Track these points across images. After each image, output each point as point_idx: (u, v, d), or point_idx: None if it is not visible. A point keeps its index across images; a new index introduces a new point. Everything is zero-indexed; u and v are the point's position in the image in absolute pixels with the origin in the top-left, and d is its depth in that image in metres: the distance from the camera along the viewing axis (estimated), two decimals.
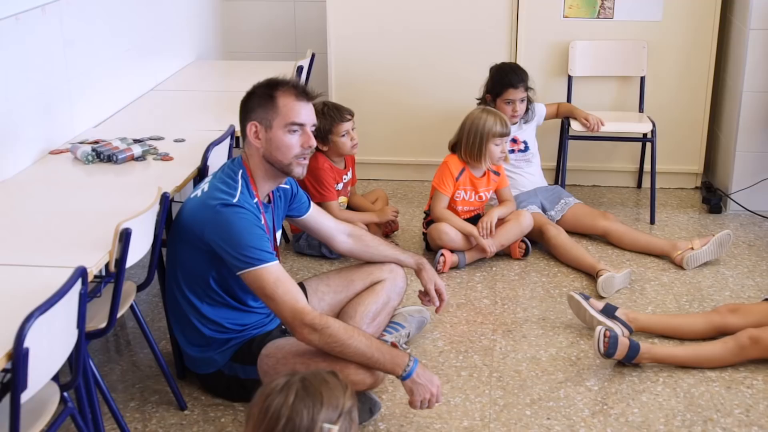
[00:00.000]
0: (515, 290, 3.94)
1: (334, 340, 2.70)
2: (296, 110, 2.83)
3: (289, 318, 2.72)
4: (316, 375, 1.75)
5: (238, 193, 2.80)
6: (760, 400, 3.09)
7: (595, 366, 3.30)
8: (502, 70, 4.51)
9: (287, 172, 2.89)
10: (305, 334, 2.71)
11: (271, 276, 2.73)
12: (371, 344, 2.74)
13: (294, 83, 2.87)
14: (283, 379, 1.73)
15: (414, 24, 5.02)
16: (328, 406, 1.67)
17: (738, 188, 4.81)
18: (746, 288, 3.95)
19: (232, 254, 2.74)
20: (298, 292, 2.76)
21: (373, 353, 2.72)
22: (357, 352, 2.71)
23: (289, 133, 2.83)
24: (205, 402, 3.08)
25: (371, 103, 5.10)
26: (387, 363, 2.73)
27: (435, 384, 2.77)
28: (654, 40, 4.92)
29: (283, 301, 2.72)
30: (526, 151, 4.56)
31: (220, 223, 2.75)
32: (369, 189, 4.85)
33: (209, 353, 2.97)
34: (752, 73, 4.62)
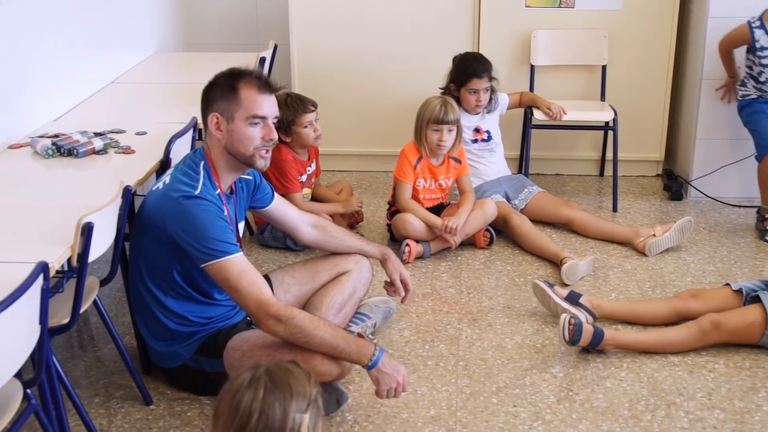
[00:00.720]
0: (480, 279, 3.96)
1: (299, 331, 2.70)
2: (258, 103, 2.81)
3: (254, 309, 2.71)
4: (279, 366, 1.75)
5: (200, 184, 2.78)
6: (721, 383, 3.13)
7: (559, 353, 3.33)
8: (466, 59, 4.52)
9: (249, 164, 2.88)
10: (270, 326, 2.70)
11: (235, 268, 2.71)
12: (336, 334, 2.74)
13: (257, 74, 2.85)
14: (247, 373, 1.72)
15: (377, 14, 5.02)
16: (298, 396, 1.67)
17: (698, 175, 4.87)
18: (707, 273, 3.99)
19: (195, 246, 2.72)
20: (262, 284, 2.75)
21: (339, 343, 2.72)
22: (322, 342, 2.71)
23: (251, 125, 2.82)
24: (171, 396, 3.07)
25: (335, 94, 5.09)
26: (353, 353, 2.73)
27: (401, 373, 2.77)
28: (615, 29, 4.96)
29: (247, 293, 2.71)
30: (489, 140, 4.57)
31: (183, 215, 2.73)
32: (333, 180, 4.84)
33: (174, 347, 2.96)
34: (711, 61, 4.67)
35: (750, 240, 4.37)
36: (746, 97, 4.46)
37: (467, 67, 4.45)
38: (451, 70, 4.56)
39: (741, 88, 4.50)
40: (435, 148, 4.16)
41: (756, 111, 4.44)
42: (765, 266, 4.08)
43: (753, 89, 4.43)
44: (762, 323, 3.24)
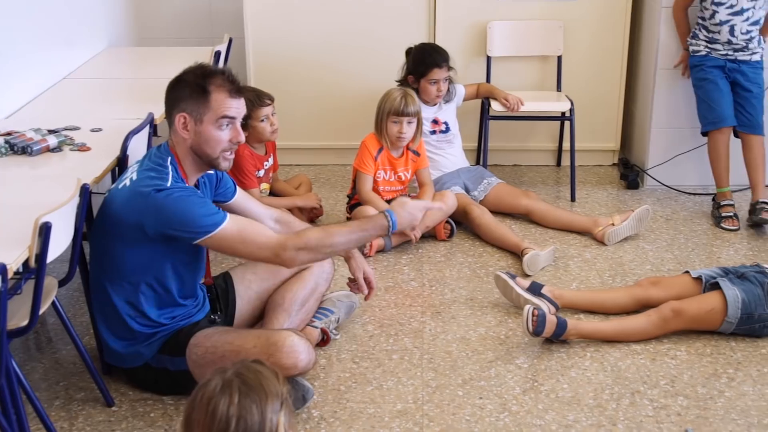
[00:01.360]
0: (442, 271, 3.95)
1: (322, 245, 2.79)
2: (228, 106, 2.79)
3: (272, 256, 2.77)
4: (248, 368, 1.73)
5: (170, 178, 2.74)
6: (684, 370, 3.16)
7: (523, 344, 3.33)
8: (425, 50, 4.51)
9: (213, 165, 2.86)
10: (296, 258, 2.78)
11: (232, 231, 2.74)
12: (351, 228, 2.87)
13: (228, 76, 2.81)
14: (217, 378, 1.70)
15: (333, 6, 4.98)
16: (272, 397, 1.66)
17: (654, 164, 4.91)
18: (666, 261, 4.03)
19: (184, 230, 2.71)
20: (265, 229, 2.83)
21: (360, 233, 2.85)
22: (347, 243, 2.85)
23: (219, 128, 2.79)
24: (133, 397, 3.02)
25: (291, 88, 5.05)
26: (376, 231, 2.86)
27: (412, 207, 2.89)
28: (569, 19, 4.98)
29: (257, 246, 2.76)
30: (447, 131, 4.57)
31: (160, 208, 2.69)
32: (291, 175, 4.80)
33: (136, 347, 2.91)
34: (665, 50, 4.71)
35: (706, 227, 4.42)
36: (697, 53, 4.50)
37: (427, 58, 4.44)
38: (408, 62, 4.55)
39: (692, 41, 4.54)
40: (395, 140, 4.14)
41: (707, 78, 4.48)
42: (722, 253, 4.13)
43: (704, 42, 4.46)
44: (722, 310, 3.28)
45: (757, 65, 4.45)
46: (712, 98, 4.47)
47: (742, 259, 4.04)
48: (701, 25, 4.46)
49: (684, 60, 4.64)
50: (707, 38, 4.44)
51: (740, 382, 3.09)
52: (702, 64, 4.48)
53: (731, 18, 4.34)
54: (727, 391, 3.03)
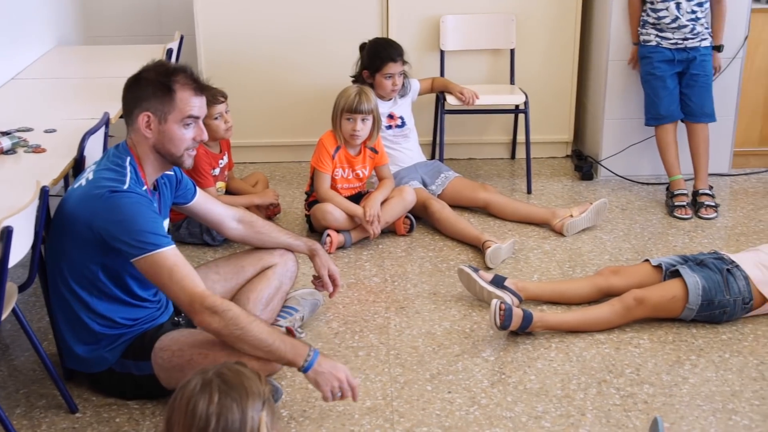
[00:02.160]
0: (404, 267, 3.95)
1: (234, 323, 2.61)
2: (193, 105, 2.75)
3: (188, 302, 2.63)
4: (229, 368, 1.72)
5: (128, 179, 2.69)
6: (648, 358, 3.20)
7: (489, 336, 3.34)
8: (379, 44, 4.50)
9: (177, 163, 2.82)
10: (205, 318, 2.61)
11: (168, 261, 2.64)
12: (272, 331, 2.69)
13: (191, 74, 2.78)
14: (197, 378, 1.68)
15: (285, 2, 4.94)
16: (253, 396, 1.65)
17: (607, 155, 4.96)
18: (624, 251, 4.07)
19: (125, 241, 2.63)
20: (196, 277, 2.68)
21: (274, 340, 2.66)
22: (258, 338, 2.63)
23: (184, 127, 2.75)
24: (97, 402, 2.96)
25: (244, 85, 5.00)
26: (288, 352, 2.66)
27: (340, 370, 2.71)
28: (522, 13, 5.00)
29: (181, 286, 2.63)
30: (403, 126, 4.56)
31: (112, 210, 2.64)
32: (247, 173, 4.76)
33: (99, 351, 2.85)
34: (616, 43, 4.76)
35: (661, 216, 4.48)
36: (647, 43, 4.55)
37: (382, 52, 4.43)
38: (362, 57, 4.53)
39: (642, 30, 4.58)
40: (349, 137, 4.12)
41: (654, 74, 4.54)
42: (677, 241, 4.19)
43: (653, 31, 4.51)
44: (683, 297, 3.32)
45: (706, 51, 4.51)
46: (658, 95, 4.54)
47: (698, 246, 4.09)
48: (650, 8, 4.50)
49: (634, 55, 4.68)
50: (656, 25, 4.48)
51: (703, 369, 3.13)
52: (651, 57, 4.54)
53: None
54: (691, 378, 3.07)
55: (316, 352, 2.70)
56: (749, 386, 3.02)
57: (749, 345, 3.28)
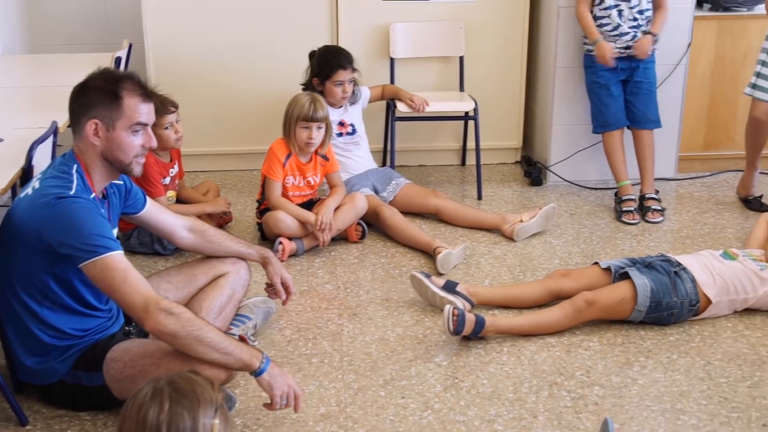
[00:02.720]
0: (356, 273, 3.96)
1: (191, 324, 2.59)
2: (141, 111, 2.73)
3: (142, 306, 2.59)
4: (181, 376, 1.72)
5: (75, 186, 2.67)
6: (598, 360, 3.24)
7: (441, 342, 3.36)
8: (329, 52, 4.51)
9: (126, 171, 2.80)
10: (161, 320, 2.57)
11: (119, 264, 2.61)
12: (226, 337, 2.69)
13: (137, 81, 2.76)
14: (149, 387, 1.68)
15: (235, 10, 4.94)
16: (205, 403, 1.65)
17: (556, 160, 5.02)
18: (573, 255, 4.13)
19: (74, 246, 2.60)
20: (147, 283, 2.67)
21: (229, 344, 2.65)
22: (214, 341, 2.62)
23: (132, 133, 2.73)
24: (48, 414, 2.92)
25: (194, 93, 4.97)
26: (244, 353, 2.66)
27: (290, 378, 2.72)
28: (470, 20, 5.05)
29: (134, 290, 2.60)
30: (353, 133, 4.57)
31: (59, 215, 2.61)
32: (198, 181, 4.74)
33: (50, 362, 2.81)
34: (563, 49, 4.83)
35: (609, 221, 4.55)
36: (591, 53, 4.62)
37: (331, 60, 4.44)
38: (312, 65, 4.54)
39: (586, 40, 4.65)
40: (304, 146, 4.13)
41: (598, 82, 4.62)
42: (625, 245, 4.25)
43: None
44: (632, 299, 3.38)
45: (649, 60, 4.60)
46: (603, 103, 4.62)
47: (645, 249, 4.16)
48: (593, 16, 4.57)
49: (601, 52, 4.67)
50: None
51: (652, 370, 3.19)
52: (595, 66, 4.61)
53: (619, 3, 4.47)
54: (640, 379, 3.13)
55: (268, 358, 2.71)
56: (696, 386, 3.08)
57: (696, 346, 3.35)
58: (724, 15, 5.00)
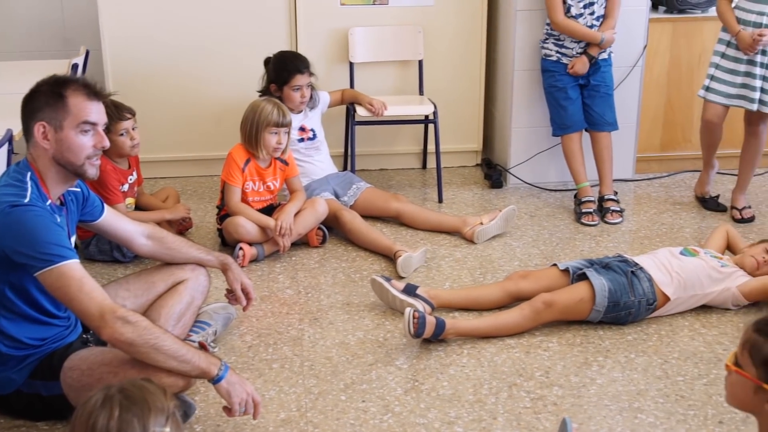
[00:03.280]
0: (317, 278, 3.96)
1: (148, 333, 2.58)
2: (88, 109, 2.70)
3: (98, 314, 2.57)
4: (133, 383, 1.72)
5: (29, 193, 2.65)
6: (557, 361, 3.27)
7: (402, 345, 3.38)
8: (285, 58, 4.51)
9: (80, 174, 2.76)
10: (118, 328, 2.55)
11: (75, 273, 2.60)
12: (184, 344, 2.68)
13: (83, 81, 2.74)
14: (100, 394, 1.67)
15: (192, 15, 4.92)
16: (155, 411, 1.64)
17: (516, 163, 5.06)
18: (533, 256, 4.16)
19: (29, 254, 2.58)
20: (103, 291, 2.65)
21: (187, 351, 2.64)
22: (171, 349, 2.61)
23: (81, 133, 2.71)
24: (5, 425, 2.89)
25: (153, 99, 4.95)
26: (202, 362, 2.65)
27: (248, 385, 2.72)
28: (428, 24, 5.08)
29: (90, 299, 2.58)
30: (314, 138, 4.57)
31: (13, 224, 2.59)
32: (158, 188, 4.71)
33: (6, 372, 2.79)
34: (521, 53, 4.86)
35: (568, 222, 4.58)
36: (548, 57, 4.67)
37: (288, 65, 4.44)
38: (268, 71, 4.53)
39: (543, 44, 4.70)
40: (272, 151, 4.13)
41: (556, 86, 4.66)
42: (584, 246, 4.29)
43: (553, 45, 4.63)
44: (590, 299, 3.41)
45: (605, 63, 4.65)
46: (562, 105, 4.67)
47: (604, 250, 4.20)
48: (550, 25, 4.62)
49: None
50: (556, 39, 4.60)
51: (610, 369, 3.22)
52: (554, 71, 4.66)
53: (582, 11, 4.52)
54: (598, 379, 3.16)
55: (227, 365, 2.70)
56: (654, 385, 3.12)
57: (653, 345, 3.39)
58: (679, 17, 5.06)
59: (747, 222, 4.55)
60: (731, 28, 4.35)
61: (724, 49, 4.43)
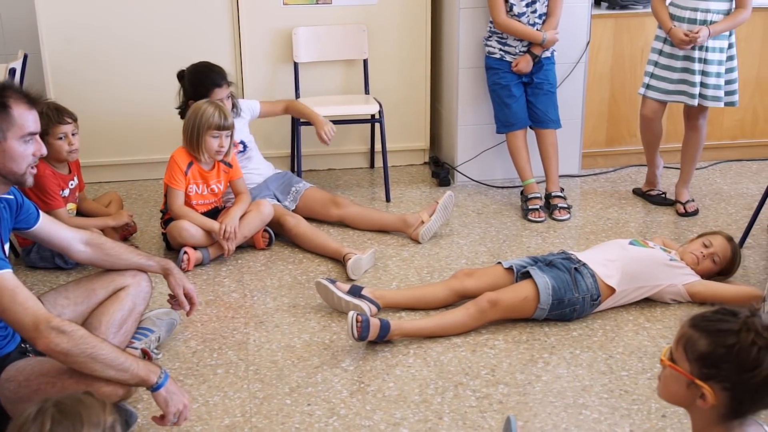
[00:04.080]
0: (263, 281, 3.93)
1: (84, 342, 2.53)
2: (31, 120, 2.67)
3: (32, 325, 2.52)
4: (69, 396, 1.69)
5: None
6: (502, 359, 3.27)
7: (348, 346, 3.36)
8: (200, 72, 4.33)
9: (21, 182, 2.73)
10: (52, 338, 2.51)
11: (9, 283, 2.54)
12: (123, 352, 2.64)
13: (19, 89, 2.69)
14: (34, 407, 1.65)
15: (133, 17, 4.86)
16: (90, 425, 1.62)
17: (463, 160, 5.07)
18: (480, 254, 4.17)
19: None
20: (38, 301, 2.59)
21: (127, 358, 2.60)
22: (109, 356, 2.56)
23: (25, 143, 2.67)
24: None
25: (94, 103, 4.89)
26: (141, 370, 2.61)
27: (186, 396, 2.68)
28: (372, 23, 5.06)
29: (23, 309, 2.53)
30: (244, 150, 4.46)
31: None
32: (101, 192, 4.64)
33: None
34: (465, 50, 4.87)
35: (515, 219, 4.60)
36: (492, 55, 4.68)
37: (204, 79, 4.28)
38: (184, 86, 4.37)
39: (487, 43, 4.71)
40: (214, 154, 4.07)
41: (500, 83, 4.68)
42: (531, 243, 4.31)
43: (496, 43, 4.64)
44: (534, 297, 3.42)
45: (548, 62, 4.67)
46: (505, 103, 4.69)
47: (550, 246, 4.22)
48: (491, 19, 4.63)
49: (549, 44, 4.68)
50: (500, 38, 4.62)
51: (555, 366, 3.23)
52: (497, 69, 4.67)
53: (525, 10, 4.53)
54: (543, 376, 3.17)
55: (166, 373, 2.66)
56: (598, 380, 3.14)
57: (598, 340, 3.40)
58: (621, 13, 5.10)
59: (691, 215, 4.60)
60: (664, 24, 4.39)
61: (661, 46, 4.47)
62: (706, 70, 4.38)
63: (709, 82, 4.39)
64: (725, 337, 1.86)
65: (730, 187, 5.04)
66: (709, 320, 1.91)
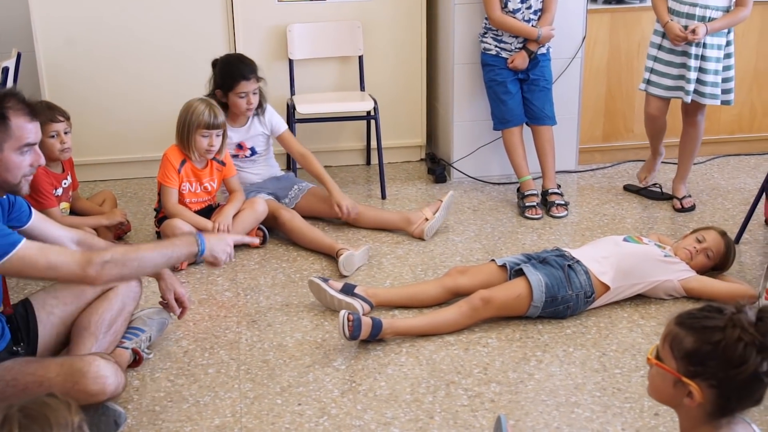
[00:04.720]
0: (257, 279, 3.91)
1: (129, 259, 2.66)
2: (29, 131, 2.66)
3: (81, 273, 2.59)
4: (34, 401, 1.70)
5: None
6: (495, 357, 3.26)
7: (340, 345, 3.34)
8: (230, 63, 4.33)
9: (15, 191, 2.74)
10: (105, 273, 2.60)
11: (33, 251, 2.58)
12: (157, 245, 2.85)
13: (21, 98, 2.67)
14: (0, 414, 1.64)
15: (127, 15, 4.84)
16: (57, 427, 1.62)
17: (459, 157, 5.04)
18: (474, 251, 4.15)
19: None
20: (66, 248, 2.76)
21: (165, 248, 2.77)
22: (154, 258, 2.72)
23: (22, 154, 2.66)
24: None
25: (89, 101, 4.87)
26: (184, 246, 2.77)
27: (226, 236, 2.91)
28: (367, 19, 5.04)
29: (63, 262, 2.58)
30: (252, 155, 4.44)
31: None
32: (96, 191, 4.63)
33: None
34: (461, 46, 4.84)
35: (511, 216, 4.58)
36: (488, 51, 4.66)
37: (233, 71, 4.27)
38: (215, 75, 4.36)
39: (483, 39, 4.69)
40: (204, 153, 4.06)
41: (496, 80, 4.66)
42: (526, 240, 4.29)
43: (492, 39, 4.62)
44: (528, 295, 3.40)
45: (544, 58, 4.65)
46: (501, 100, 4.66)
47: (546, 243, 4.20)
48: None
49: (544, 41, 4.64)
50: (495, 34, 4.60)
51: (548, 364, 3.21)
52: (493, 65, 4.65)
53: (520, 6, 4.51)
54: (536, 374, 3.15)
55: (199, 234, 2.81)
56: (591, 378, 3.12)
57: (592, 338, 3.38)
58: (617, 7, 5.07)
59: (687, 211, 4.58)
60: (661, 18, 4.37)
61: (660, 40, 4.44)
62: (703, 67, 4.34)
63: (707, 79, 4.35)
64: (711, 334, 1.84)
65: (728, 182, 5.02)
66: (695, 317, 1.89)
